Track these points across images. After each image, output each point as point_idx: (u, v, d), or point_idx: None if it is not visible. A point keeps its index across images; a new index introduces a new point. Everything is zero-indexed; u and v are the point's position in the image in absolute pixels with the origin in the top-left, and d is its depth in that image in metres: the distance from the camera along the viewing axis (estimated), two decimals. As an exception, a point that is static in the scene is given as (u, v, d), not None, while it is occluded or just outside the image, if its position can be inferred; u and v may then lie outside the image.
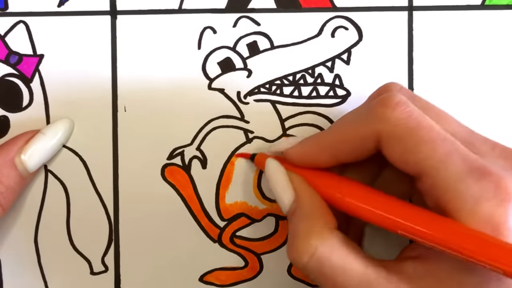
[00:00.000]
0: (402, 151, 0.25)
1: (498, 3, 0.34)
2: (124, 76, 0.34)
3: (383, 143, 0.26)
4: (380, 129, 0.26)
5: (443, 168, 0.24)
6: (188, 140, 0.34)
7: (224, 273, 0.34)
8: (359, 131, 0.27)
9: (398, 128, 0.25)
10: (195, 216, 0.34)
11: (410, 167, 0.25)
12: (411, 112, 0.26)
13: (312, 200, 0.28)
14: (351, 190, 0.27)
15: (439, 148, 0.25)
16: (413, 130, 0.25)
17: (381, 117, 0.26)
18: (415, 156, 0.25)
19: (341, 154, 0.28)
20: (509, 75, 0.34)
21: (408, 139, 0.25)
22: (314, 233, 0.26)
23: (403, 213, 0.25)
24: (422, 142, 0.25)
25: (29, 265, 0.34)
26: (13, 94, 0.34)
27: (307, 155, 0.29)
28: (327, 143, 0.28)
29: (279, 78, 0.34)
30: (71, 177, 0.34)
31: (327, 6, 0.34)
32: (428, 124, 0.25)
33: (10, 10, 0.34)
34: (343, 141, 0.28)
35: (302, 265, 0.26)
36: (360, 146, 0.27)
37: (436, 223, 0.24)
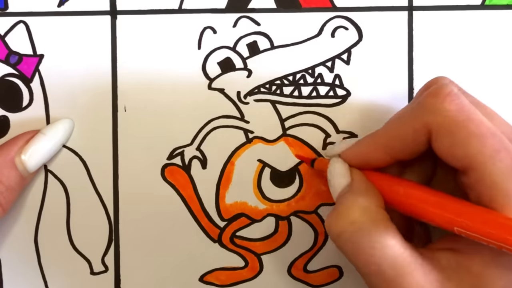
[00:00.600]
0: (450, 144, 0.25)
1: (498, 3, 0.34)
2: (124, 76, 0.34)
3: (433, 135, 0.26)
4: (430, 120, 0.26)
5: (491, 163, 0.24)
6: (188, 140, 0.34)
7: (224, 273, 0.34)
8: (411, 124, 0.27)
9: (448, 120, 0.25)
10: (195, 216, 0.34)
11: (458, 161, 0.25)
12: (462, 104, 0.26)
13: (366, 184, 0.28)
14: (408, 190, 0.27)
15: (488, 144, 0.25)
16: (463, 122, 0.25)
17: (432, 108, 0.26)
18: (463, 149, 0.25)
19: (396, 150, 0.28)
20: (509, 75, 0.34)
21: (458, 132, 0.25)
22: (360, 205, 0.27)
23: (458, 212, 0.25)
24: (472, 136, 0.25)
25: (29, 265, 0.34)
26: (13, 94, 0.34)
27: (363, 154, 0.29)
28: (381, 141, 0.28)
29: (279, 78, 0.34)
30: (71, 177, 0.34)
31: (327, 6, 0.34)
32: (478, 118, 0.25)
33: (10, 10, 0.34)
34: (396, 137, 0.27)
35: (339, 231, 0.26)
36: (413, 140, 0.27)
37: (491, 220, 0.24)
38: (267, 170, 0.34)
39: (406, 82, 0.34)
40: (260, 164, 0.34)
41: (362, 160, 0.29)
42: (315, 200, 0.34)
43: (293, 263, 0.34)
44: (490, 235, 0.24)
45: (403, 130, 0.27)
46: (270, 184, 0.34)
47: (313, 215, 0.34)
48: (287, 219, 0.34)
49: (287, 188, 0.34)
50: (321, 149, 0.34)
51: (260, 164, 0.34)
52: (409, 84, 0.34)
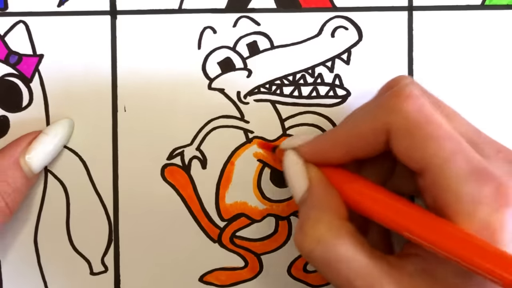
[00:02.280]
0: (408, 145, 0.25)
1: (498, 3, 0.34)
2: (124, 76, 0.34)
3: (392, 135, 0.26)
4: (390, 120, 0.26)
5: (446, 167, 0.24)
6: (188, 140, 0.34)
7: (224, 273, 0.34)
8: (371, 124, 0.26)
9: (407, 121, 0.25)
10: (195, 216, 0.34)
11: (415, 163, 0.25)
12: (422, 105, 0.25)
13: (325, 189, 0.28)
14: (361, 189, 0.27)
15: (445, 146, 0.24)
16: (421, 124, 0.25)
17: (392, 108, 0.26)
18: (420, 151, 0.25)
19: (354, 149, 0.27)
20: (509, 75, 0.34)
21: (416, 133, 0.25)
22: (323, 221, 0.26)
23: (408, 216, 0.25)
24: (429, 138, 0.25)
25: (29, 265, 0.34)
26: (13, 94, 0.34)
27: (321, 151, 0.29)
28: (340, 139, 0.28)
29: (279, 78, 0.34)
30: (71, 177, 0.34)
31: (327, 6, 0.34)
32: (437, 120, 0.25)
33: (10, 10, 0.34)
34: (356, 136, 0.27)
35: (308, 251, 0.26)
36: (372, 140, 0.27)
37: (439, 228, 0.24)
38: (267, 170, 0.34)
39: (406, 82, 0.34)
40: (260, 164, 0.34)
41: (319, 156, 0.29)
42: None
43: (293, 263, 0.34)
44: (436, 244, 0.24)
45: (363, 129, 0.27)
46: (270, 184, 0.34)
47: (313, 215, 0.34)
48: (287, 219, 0.34)
49: (287, 188, 0.34)
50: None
51: (260, 164, 0.34)
52: (408, 80, 0.34)
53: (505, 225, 0.23)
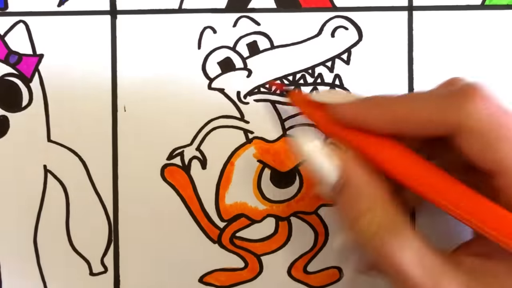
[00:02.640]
0: (481, 147, 0.25)
1: (498, 3, 0.34)
2: (124, 76, 0.34)
3: (462, 135, 0.25)
4: (460, 120, 0.25)
5: None
6: (188, 140, 0.34)
7: (224, 274, 0.34)
8: (435, 114, 0.25)
9: (480, 123, 0.25)
10: (194, 216, 0.34)
11: (487, 164, 0.25)
12: (496, 108, 0.25)
13: (370, 182, 0.26)
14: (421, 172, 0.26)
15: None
16: (495, 126, 0.24)
17: (464, 108, 0.25)
18: (494, 154, 0.25)
19: (405, 128, 0.26)
20: (509, 75, 0.34)
21: (489, 135, 0.24)
22: (380, 214, 0.26)
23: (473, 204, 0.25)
24: (503, 140, 0.24)
25: (29, 266, 0.34)
26: (13, 94, 0.34)
27: (364, 117, 0.27)
28: (392, 113, 0.26)
29: (279, 78, 0.34)
30: (70, 177, 0.34)
31: (327, 6, 0.34)
32: (510, 122, 0.25)
33: (10, 10, 0.34)
34: (412, 117, 0.26)
35: (373, 249, 0.25)
36: (429, 128, 0.26)
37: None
38: (267, 171, 0.34)
39: (406, 82, 0.34)
40: (260, 164, 0.34)
41: (359, 122, 0.27)
42: (315, 200, 0.34)
43: (293, 264, 0.34)
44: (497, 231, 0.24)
45: (423, 115, 0.26)
46: (270, 184, 0.34)
47: (313, 216, 0.34)
48: (287, 220, 0.34)
49: (287, 189, 0.34)
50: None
51: (260, 165, 0.34)
52: (409, 84, 0.34)
53: None
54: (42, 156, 0.34)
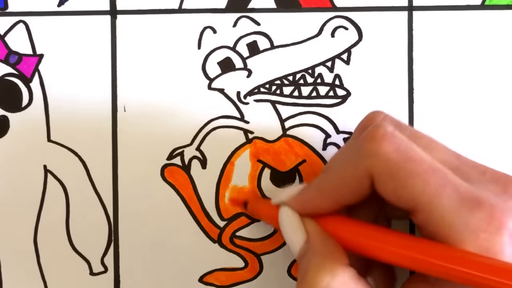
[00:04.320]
0: (393, 187, 0.25)
1: (498, 3, 0.34)
2: (124, 76, 0.34)
3: (375, 179, 0.25)
4: (370, 165, 0.25)
5: (437, 202, 0.24)
6: (188, 140, 0.34)
7: (224, 273, 0.34)
8: (353, 172, 0.26)
9: (387, 163, 0.25)
10: (195, 216, 0.34)
11: (404, 203, 0.25)
12: (399, 143, 0.25)
13: (324, 239, 0.27)
14: (360, 230, 0.27)
15: (431, 181, 0.24)
16: (403, 163, 0.24)
17: (370, 152, 0.25)
18: (407, 192, 0.24)
19: (341, 197, 0.27)
20: (509, 75, 0.34)
21: (399, 174, 0.24)
22: (326, 268, 0.25)
23: (415, 248, 0.25)
24: (414, 176, 0.24)
25: (29, 265, 0.34)
26: (13, 94, 0.34)
27: (309, 203, 0.28)
28: (326, 190, 0.28)
29: (279, 78, 0.34)
30: (70, 177, 0.34)
31: (327, 6, 0.34)
32: (418, 155, 0.25)
33: (10, 10, 0.34)
34: (340, 186, 0.27)
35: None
36: (357, 187, 0.26)
37: (450, 255, 0.24)
38: (267, 170, 0.34)
39: (406, 82, 0.34)
40: (260, 164, 0.34)
41: (309, 208, 0.28)
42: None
43: (293, 263, 0.34)
44: (452, 269, 0.23)
45: (346, 178, 0.26)
46: (270, 184, 0.34)
47: (313, 215, 0.34)
48: (287, 219, 0.34)
49: (286, 188, 0.33)
50: (321, 150, 0.34)
51: (260, 164, 0.34)
52: (409, 84, 0.34)
53: (504, 248, 0.23)
54: (42, 156, 0.34)
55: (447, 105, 0.33)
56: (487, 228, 0.23)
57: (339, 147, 0.34)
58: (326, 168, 0.29)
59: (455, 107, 0.34)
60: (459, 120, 0.34)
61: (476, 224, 0.23)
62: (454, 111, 0.33)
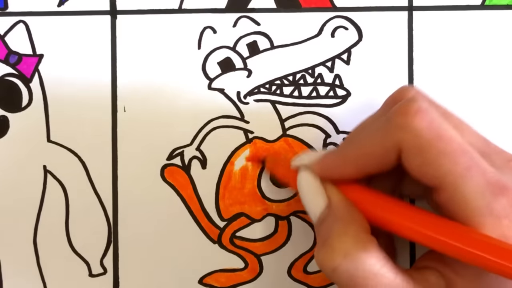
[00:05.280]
0: (421, 163, 0.25)
1: (498, 3, 0.34)
2: (124, 76, 0.34)
3: (404, 154, 0.25)
4: (400, 139, 0.25)
5: (463, 183, 0.24)
6: (188, 140, 0.34)
7: (224, 275, 0.34)
8: (381, 143, 0.26)
9: (418, 139, 0.25)
10: (194, 216, 0.34)
11: (429, 180, 0.25)
12: (431, 120, 0.25)
13: (347, 204, 0.27)
14: (380, 202, 0.27)
15: (459, 162, 0.24)
16: (433, 140, 0.24)
17: (402, 126, 0.25)
18: (434, 169, 0.24)
19: (366, 166, 0.27)
20: (509, 75, 0.34)
21: (428, 150, 0.24)
22: (349, 234, 0.25)
23: (434, 226, 0.25)
24: (442, 155, 0.24)
25: (29, 266, 0.34)
26: (13, 94, 0.34)
27: (331, 168, 0.28)
28: (351, 156, 0.27)
29: (279, 78, 0.34)
30: (70, 178, 0.34)
31: (327, 6, 0.34)
32: (448, 134, 0.25)
33: (10, 10, 0.34)
34: (367, 154, 0.27)
35: (333, 266, 0.25)
36: (383, 158, 0.26)
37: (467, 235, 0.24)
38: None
39: (406, 82, 0.34)
40: (260, 164, 0.34)
41: (331, 173, 0.28)
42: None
43: (293, 264, 0.34)
44: (470, 254, 0.23)
45: (373, 148, 0.26)
46: (270, 184, 0.34)
47: (313, 216, 0.34)
48: (287, 219, 0.34)
49: (286, 188, 0.33)
50: (321, 150, 0.34)
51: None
52: (409, 84, 0.34)
53: None
54: (42, 156, 0.34)
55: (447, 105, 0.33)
56: (509, 214, 0.24)
57: (339, 147, 0.34)
58: (350, 137, 0.29)
59: (455, 107, 0.33)
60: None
61: (500, 210, 0.24)
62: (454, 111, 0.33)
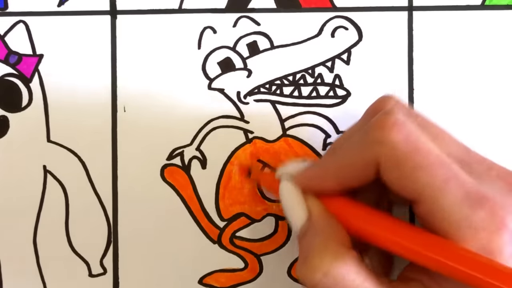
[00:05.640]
0: (398, 176, 0.25)
1: (498, 3, 0.34)
2: (124, 76, 0.34)
3: (381, 167, 0.25)
4: (377, 152, 0.25)
5: (441, 196, 0.24)
6: (188, 140, 0.34)
7: (224, 275, 0.34)
8: (359, 156, 0.26)
9: (395, 152, 0.25)
10: (194, 216, 0.34)
11: (407, 193, 0.25)
12: (408, 133, 0.25)
13: (327, 218, 0.27)
14: (361, 214, 0.27)
15: (437, 175, 0.24)
16: (410, 154, 0.24)
17: (378, 140, 0.25)
18: (412, 182, 0.24)
19: (346, 179, 0.27)
20: (509, 75, 0.34)
21: (405, 164, 0.24)
22: (330, 250, 0.25)
23: (414, 239, 0.25)
24: (419, 168, 0.24)
25: (28, 266, 0.34)
26: (13, 94, 0.34)
27: (314, 181, 0.28)
28: (332, 169, 0.27)
29: (279, 78, 0.34)
30: (70, 178, 0.34)
31: (327, 6, 0.34)
32: (426, 147, 0.25)
33: (10, 10, 0.34)
34: (346, 168, 0.27)
35: (314, 283, 0.25)
36: (363, 171, 0.26)
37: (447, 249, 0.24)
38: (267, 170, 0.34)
39: (406, 82, 0.34)
40: (260, 164, 0.34)
41: (312, 186, 0.28)
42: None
43: (293, 264, 0.34)
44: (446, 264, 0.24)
45: (352, 162, 0.26)
46: (270, 184, 0.34)
47: (313, 216, 0.34)
48: (287, 219, 0.34)
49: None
50: (321, 150, 0.34)
51: (260, 164, 0.34)
52: (409, 84, 0.34)
53: (503, 247, 0.23)
54: (41, 156, 0.34)
55: (447, 105, 0.33)
56: (487, 226, 0.23)
57: (339, 147, 0.34)
58: (332, 149, 0.29)
59: (455, 107, 0.33)
60: (459, 120, 0.34)
61: (477, 222, 0.23)
62: (454, 111, 0.33)
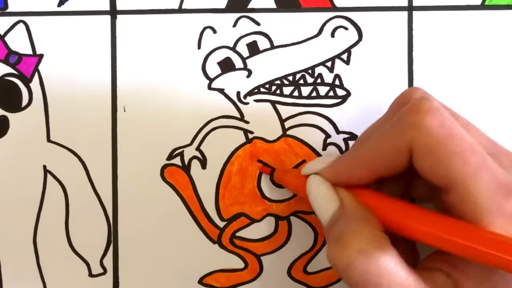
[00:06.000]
0: (431, 162, 0.24)
1: (498, 3, 0.34)
2: (124, 76, 0.34)
3: (414, 152, 0.25)
4: (412, 137, 0.25)
5: (473, 183, 0.24)
6: (188, 140, 0.34)
7: (224, 275, 0.34)
8: (393, 142, 0.26)
9: (429, 137, 0.24)
10: (194, 216, 0.34)
11: (439, 180, 0.25)
12: (443, 119, 0.25)
13: (358, 206, 0.27)
14: (391, 206, 0.27)
15: (470, 162, 0.24)
16: (444, 140, 0.24)
17: (413, 124, 0.25)
18: (444, 168, 0.24)
19: (378, 169, 0.27)
20: (509, 75, 0.34)
21: (439, 150, 0.24)
22: (365, 231, 0.25)
23: (445, 228, 0.24)
24: (453, 154, 0.24)
25: (29, 266, 0.34)
26: (13, 94, 0.34)
27: (343, 173, 0.28)
28: (362, 160, 0.27)
29: (279, 78, 0.34)
30: (70, 178, 0.34)
31: (327, 6, 0.34)
32: (459, 134, 0.24)
33: (10, 10, 0.34)
34: (378, 156, 0.26)
35: (347, 263, 0.25)
36: (395, 158, 0.26)
37: (480, 235, 0.24)
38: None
39: (406, 82, 0.34)
40: (260, 164, 0.34)
41: (342, 178, 0.28)
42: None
43: (293, 264, 0.34)
44: (483, 254, 0.23)
45: (385, 148, 0.26)
46: (269, 184, 0.34)
47: (312, 215, 0.34)
48: (287, 219, 0.34)
49: (286, 188, 0.33)
50: (321, 150, 0.34)
51: (260, 164, 0.34)
52: (409, 84, 0.34)
53: None
54: (41, 156, 0.34)
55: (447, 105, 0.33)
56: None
57: (339, 147, 0.34)
58: (360, 141, 0.29)
59: (455, 107, 0.33)
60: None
61: (510, 211, 0.23)
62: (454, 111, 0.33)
